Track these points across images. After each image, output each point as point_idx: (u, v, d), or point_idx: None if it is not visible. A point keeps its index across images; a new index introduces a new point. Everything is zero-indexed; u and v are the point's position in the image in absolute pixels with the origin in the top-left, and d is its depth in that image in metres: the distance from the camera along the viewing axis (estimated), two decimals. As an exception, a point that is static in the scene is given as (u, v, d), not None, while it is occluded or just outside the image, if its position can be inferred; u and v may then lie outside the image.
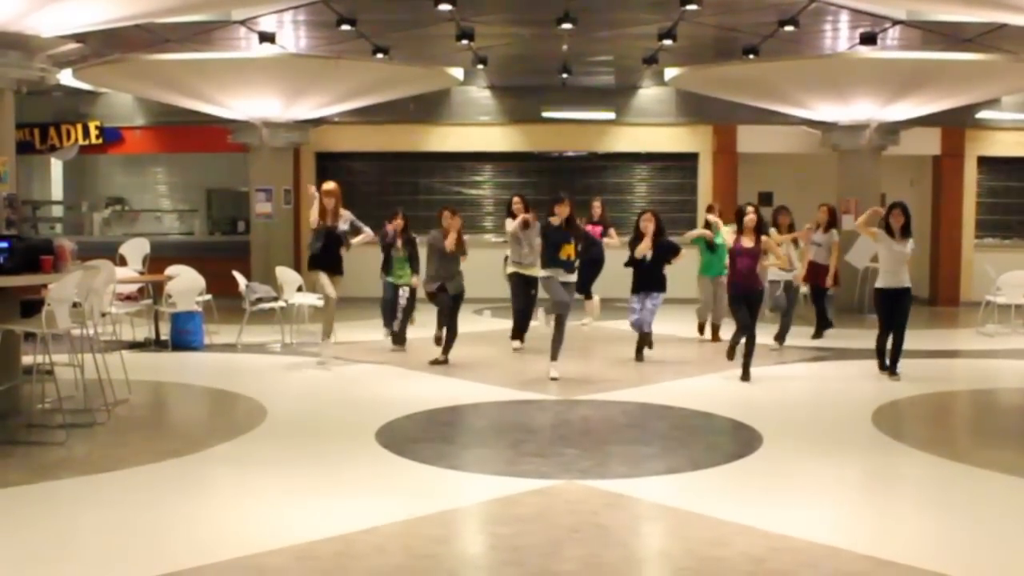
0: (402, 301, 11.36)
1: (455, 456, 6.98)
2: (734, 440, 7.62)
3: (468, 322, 12.60)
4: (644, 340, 10.87)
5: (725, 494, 6.11)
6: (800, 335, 12.19)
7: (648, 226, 10.55)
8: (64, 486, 6.17)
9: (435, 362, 10.50)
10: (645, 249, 10.51)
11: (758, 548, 5.07)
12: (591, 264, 11.79)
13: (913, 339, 10.47)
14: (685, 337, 12.42)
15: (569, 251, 9.65)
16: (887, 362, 9.87)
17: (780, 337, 11.63)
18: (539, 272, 10.32)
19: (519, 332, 11.39)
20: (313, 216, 10.51)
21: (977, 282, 16.30)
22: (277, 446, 7.27)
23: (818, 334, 12.49)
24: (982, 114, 17.21)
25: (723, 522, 5.46)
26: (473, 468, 6.63)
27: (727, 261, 11.17)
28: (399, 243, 11.36)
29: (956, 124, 16.99)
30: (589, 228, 11.96)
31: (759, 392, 9.24)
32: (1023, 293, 13.29)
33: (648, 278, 10.68)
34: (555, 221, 9.68)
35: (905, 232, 9.70)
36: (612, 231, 12.81)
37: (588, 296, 12.58)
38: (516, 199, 11.73)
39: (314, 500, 5.90)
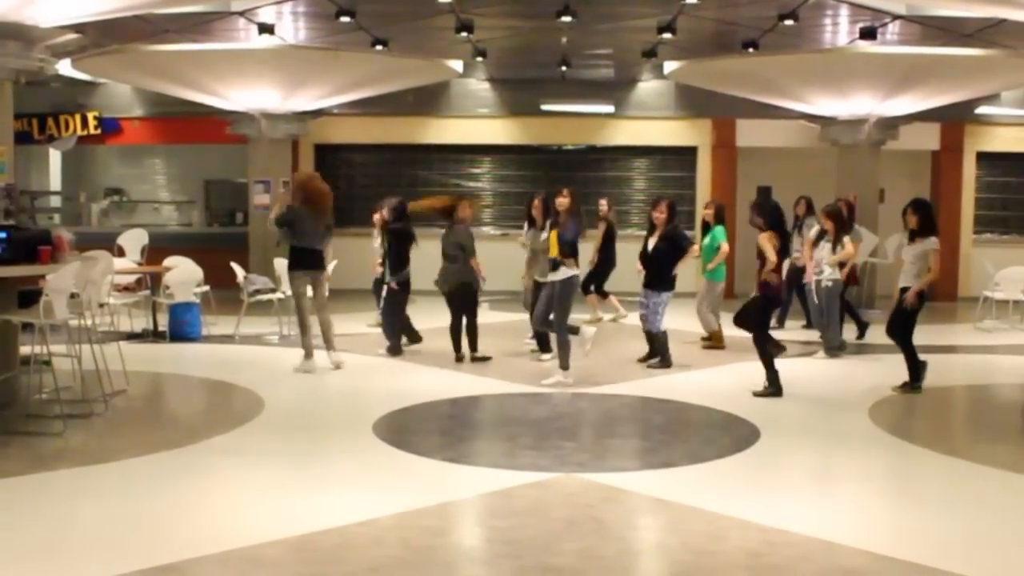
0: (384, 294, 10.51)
1: (452, 449, 6.98)
2: (731, 434, 7.61)
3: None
4: (650, 341, 10.17)
5: (722, 488, 6.12)
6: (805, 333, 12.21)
7: (660, 216, 9.91)
8: (61, 477, 6.17)
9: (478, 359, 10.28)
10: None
11: (754, 542, 5.08)
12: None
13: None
14: (686, 332, 12.38)
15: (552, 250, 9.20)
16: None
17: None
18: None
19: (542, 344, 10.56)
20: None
21: (975, 277, 16.31)
22: (275, 438, 7.27)
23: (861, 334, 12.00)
24: (981, 109, 17.18)
25: (720, 516, 5.48)
26: (470, 461, 6.64)
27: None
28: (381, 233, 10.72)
29: (955, 119, 16.97)
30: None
31: (756, 387, 9.22)
32: (1021, 288, 13.30)
33: (648, 275, 10.02)
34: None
35: (920, 232, 8.89)
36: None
37: (598, 295, 12.89)
38: (536, 202, 9.99)
39: (312, 492, 5.91)
